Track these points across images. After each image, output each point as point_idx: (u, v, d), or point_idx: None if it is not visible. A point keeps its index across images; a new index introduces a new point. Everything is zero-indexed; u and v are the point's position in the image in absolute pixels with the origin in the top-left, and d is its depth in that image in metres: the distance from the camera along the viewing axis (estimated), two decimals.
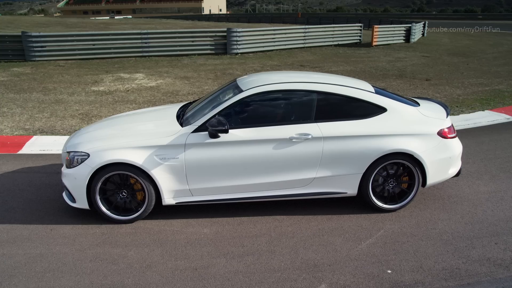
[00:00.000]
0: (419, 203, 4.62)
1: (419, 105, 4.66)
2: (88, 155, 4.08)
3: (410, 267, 3.47)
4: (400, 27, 23.21)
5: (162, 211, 4.41)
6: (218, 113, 4.18)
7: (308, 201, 4.63)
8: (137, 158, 4.04)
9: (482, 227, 4.09)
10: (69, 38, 15.57)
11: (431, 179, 4.37)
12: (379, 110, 4.33)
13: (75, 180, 4.11)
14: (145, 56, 16.46)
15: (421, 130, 4.31)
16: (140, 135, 4.26)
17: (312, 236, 3.98)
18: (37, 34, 14.78)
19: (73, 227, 4.15)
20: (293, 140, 4.14)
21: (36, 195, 4.86)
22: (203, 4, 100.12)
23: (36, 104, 9.31)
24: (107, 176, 4.07)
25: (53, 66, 14.38)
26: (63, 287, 3.24)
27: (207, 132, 4.10)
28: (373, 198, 4.35)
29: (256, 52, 18.21)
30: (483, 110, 8.97)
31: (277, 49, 18.85)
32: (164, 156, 4.08)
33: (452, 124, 4.55)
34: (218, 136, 4.08)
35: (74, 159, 4.15)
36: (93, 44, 15.79)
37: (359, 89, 4.45)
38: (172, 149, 4.09)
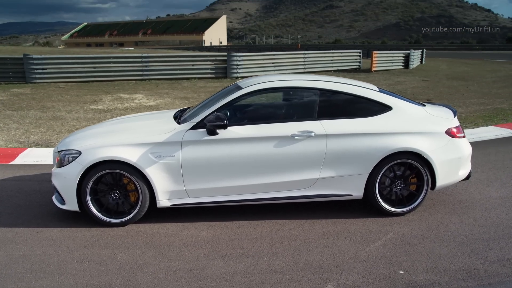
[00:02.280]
0: (428, 207, 4.37)
1: (425, 105, 4.51)
2: (80, 153, 3.88)
3: (424, 268, 3.19)
4: (398, 53, 23.48)
5: (156, 215, 4.16)
6: (217, 110, 4.01)
7: (311, 205, 4.38)
8: (131, 155, 3.83)
9: (498, 230, 3.83)
10: (70, 60, 15.65)
11: (440, 181, 4.14)
12: (384, 108, 4.16)
13: (65, 180, 3.88)
14: (145, 79, 16.51)
15: (429, 129, 4.12)
16: (135, 133, 4.07)
17: (316, 238, 3.72)
18: (39, 56, 14.88)
19: (61, 230, 3.89)
20: (295, 137, 3.94)
21: (25, 201, 4.61)
22: (204, 37, 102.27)
23: (33, 120, 9.17)
24: (99, 175, 3.85)
25: (53, 87, 14.37)
26: None
27: (205, 129, 3.91)
28: (380, 200, 4.11)
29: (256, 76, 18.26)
30: (486, 125, 8.82)
31: (277, 74, 18.93)
32: (159, 154, 3.87)
33: (460, 125, 4.37)
34: (217, 133, 3.89)
35: (65, 158, 3.94)
36: (94, 67, 15.86)
37: (362, 87, 4.30)
38: (168, 146, 3.89)
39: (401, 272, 3.14)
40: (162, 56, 17.40)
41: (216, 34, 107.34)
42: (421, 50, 28.04)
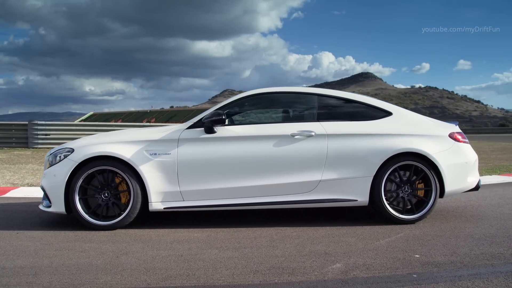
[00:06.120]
0: (439, 218, 4.08)
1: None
2: (73, 150, 3.74)
3: (442, 253, 2.87)
4: None
5: (147, 222, 3.87)
6: (216, 110, 3.96)
7: (313, 212, 4.10)
8: (125, 152, 3.68)
9: None
10: (74, 127, 15.96)
11: (449, 186, 3.91)
12: (384, 113, 4.11)
13: (54, 178, 3.68)
14: None
15: (432, 132, 4.03)
16: (132, 133, 3.98)
17: (320, 237, 3.40)
18: (43, 122, 15.20)
19: (43, 232, 3.59)
20: (295, 137, 3.82)
21: (9, 217, 4.32)
22: None
23: (30, 171, 9.03)
24: (90, 172, 3.66)
25: None
26: (14, 266, 2.62)
27: (203, 128, 3.82)
28: (387, 205, 3.84)
29: None
30: (490, 175, 8.67)
31: None
32: (155, 151, 3.73)
33: (462, 132, 4.29)
34: (214, 131, 3.79)
35: (56, 157, 3.79)
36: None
37: (360, 94, 4.31)
38: (164, 144, 3.76)
39: (417, 255, 2.81)
40: (164, 125, 17.74)
41: None
42: None
